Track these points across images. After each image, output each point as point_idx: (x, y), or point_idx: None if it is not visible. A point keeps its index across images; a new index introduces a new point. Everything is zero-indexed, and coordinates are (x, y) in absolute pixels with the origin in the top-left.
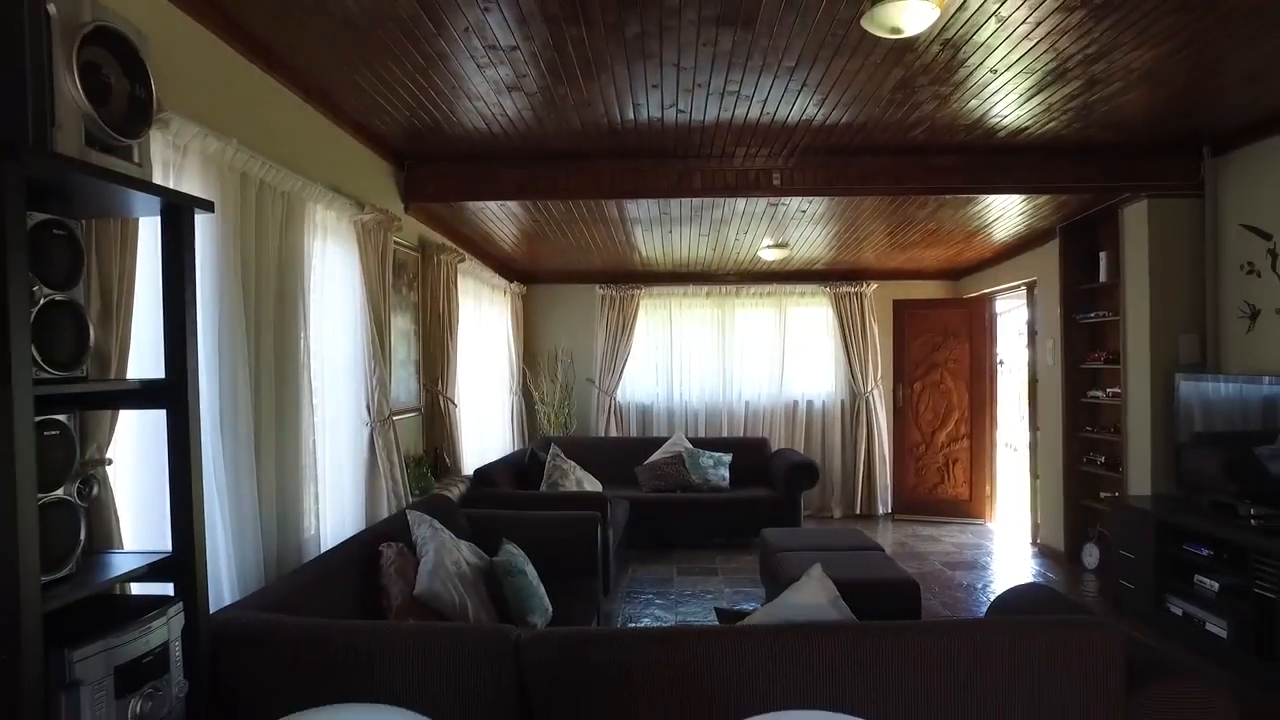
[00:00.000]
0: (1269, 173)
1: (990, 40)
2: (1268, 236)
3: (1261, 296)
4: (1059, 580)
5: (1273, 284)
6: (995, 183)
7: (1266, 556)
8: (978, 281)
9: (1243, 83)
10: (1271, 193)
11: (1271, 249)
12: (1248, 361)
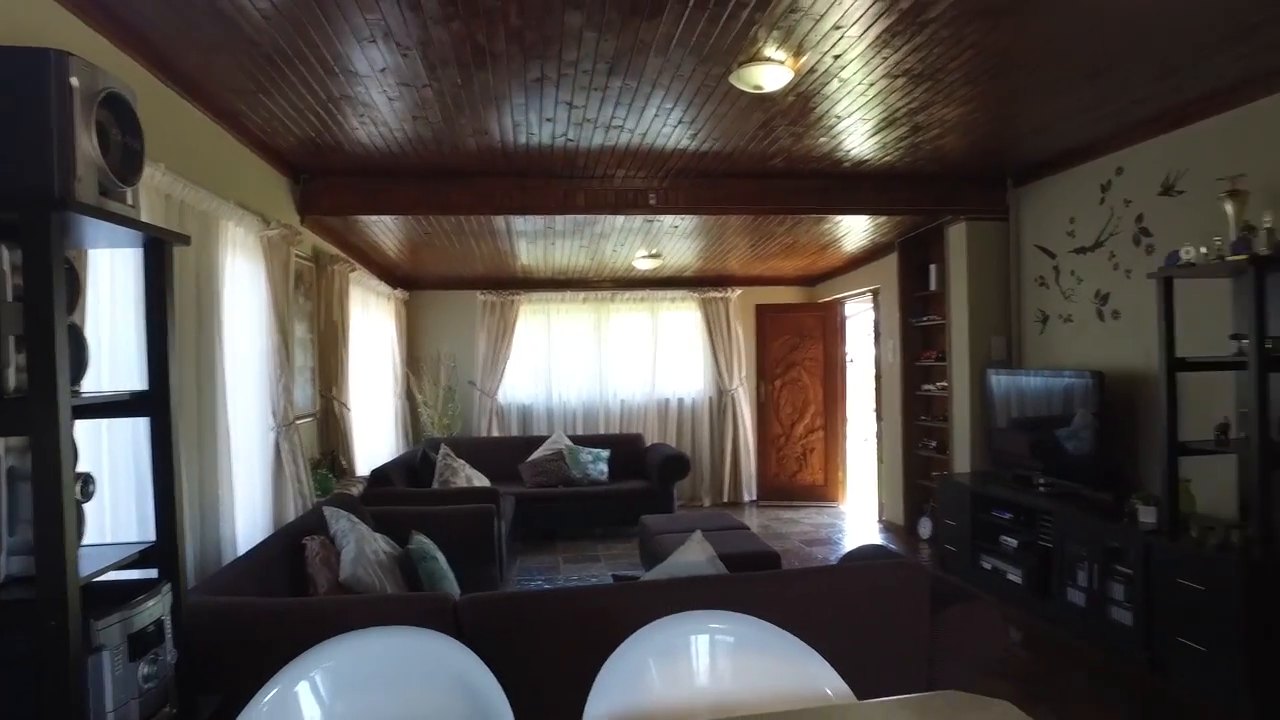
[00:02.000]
0: (1052, 203)
1: (835, 94)
2: (1053, 255)
3: (1050, 305)
4: (899, 550)
5: (1058, 295)
6: (843, 204)
7: (1049, 515)
8: (830, 288)
9: (1031, 133)
10: (1054, 220)
11: (1056, 266)
12: (1041, 358)
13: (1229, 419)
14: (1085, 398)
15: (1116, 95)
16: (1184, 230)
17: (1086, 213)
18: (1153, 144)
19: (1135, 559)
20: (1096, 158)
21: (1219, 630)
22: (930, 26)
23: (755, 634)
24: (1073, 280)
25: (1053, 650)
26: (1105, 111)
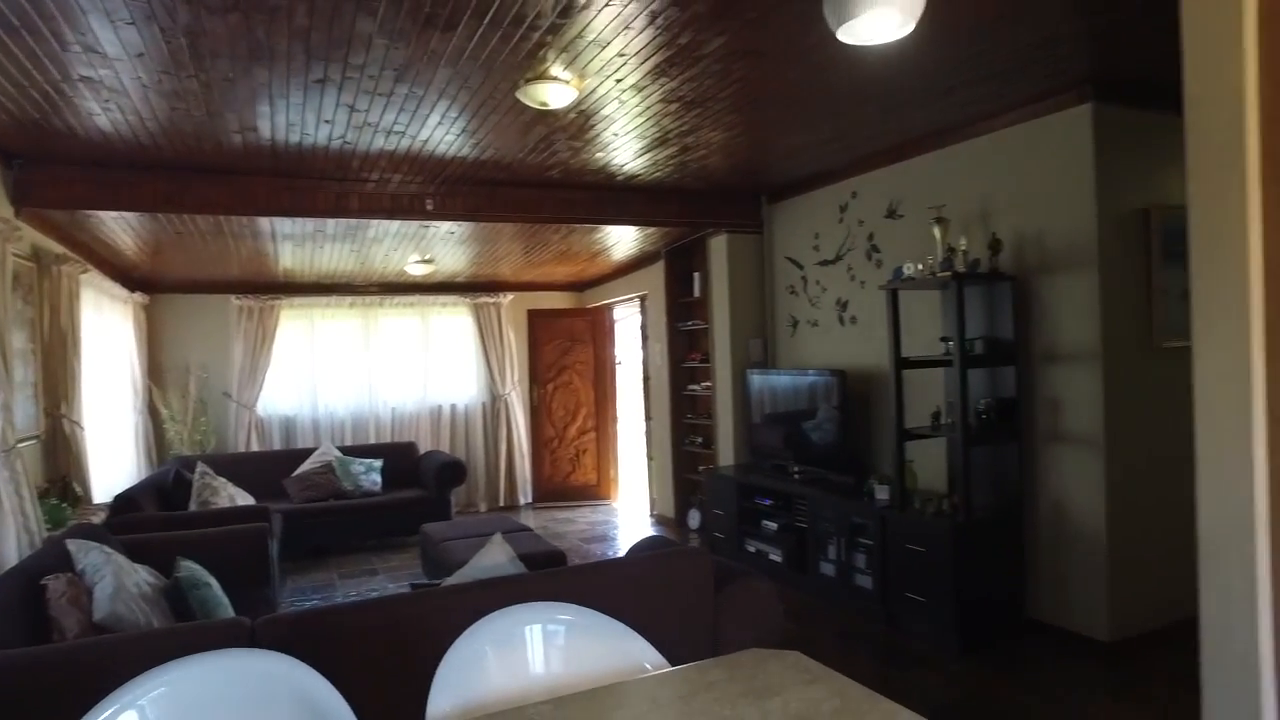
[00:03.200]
0: (800, 220)
1: (614, 114)
2: (801, 266)
3: (800, 311)
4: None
5: (806, 302)
6: (615, 215)
7: (802, 499)
8: (600, 293)
9: (782, 159)
10: (802, 235)
11: (804, 276)
12: (792, 359)
13: (940, 407)
14: (829, 393)
15: (850, 131)
16: (905, 248)
17: (829, 230)
18: (880, 173)
19: (874, 531)
20: (836, 182)
21: (936, 583)
22: (703, 61)
23: (581, 620)
24: (818, 289)
25: (811, 618)
26: (843, 144)
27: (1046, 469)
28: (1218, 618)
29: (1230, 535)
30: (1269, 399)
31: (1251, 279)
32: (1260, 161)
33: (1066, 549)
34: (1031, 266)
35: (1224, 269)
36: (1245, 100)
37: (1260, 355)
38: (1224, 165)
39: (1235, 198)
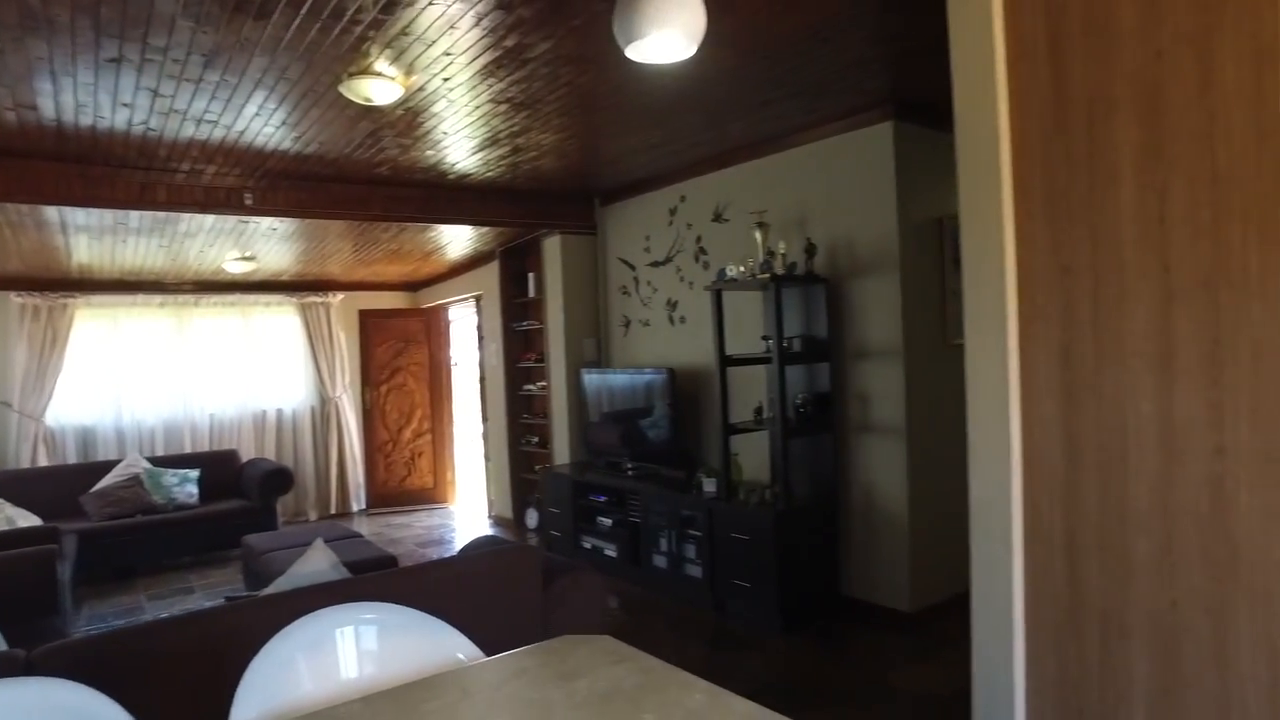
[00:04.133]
0: (632, 222)
1: (443, 113)
2: (633, 267)
3: (632, 311)
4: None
5: (638, 302)
6: (447, 215)
7: (635, 495)
8: (435, 293)
9: (613, 162)
10: (634, 237)
11: (636, 277)
12: (626, 358)
13: (763, 402)
14: (660, 391)
15: (677, 137)
16: (730, 251)
17: (659, 232)
18: (707, 179)
19: (702, 522)
20: (666, 186)
21: (759, 569)
22: (531, 64)
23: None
24: (649, 290)
25: (644, 609)
26: (670, 149)
27: (857, 457)
28: (983, 583)
29: (993, 510)
30: (1022, 390)
31: (1008, 284)
32: (1012, 183)
33: (875, 530)
34: (843, 270)
35: (987, 275)
36: (1000, 129)
37: (1015, 352)
38: (986, 185)
39: (994, 213)
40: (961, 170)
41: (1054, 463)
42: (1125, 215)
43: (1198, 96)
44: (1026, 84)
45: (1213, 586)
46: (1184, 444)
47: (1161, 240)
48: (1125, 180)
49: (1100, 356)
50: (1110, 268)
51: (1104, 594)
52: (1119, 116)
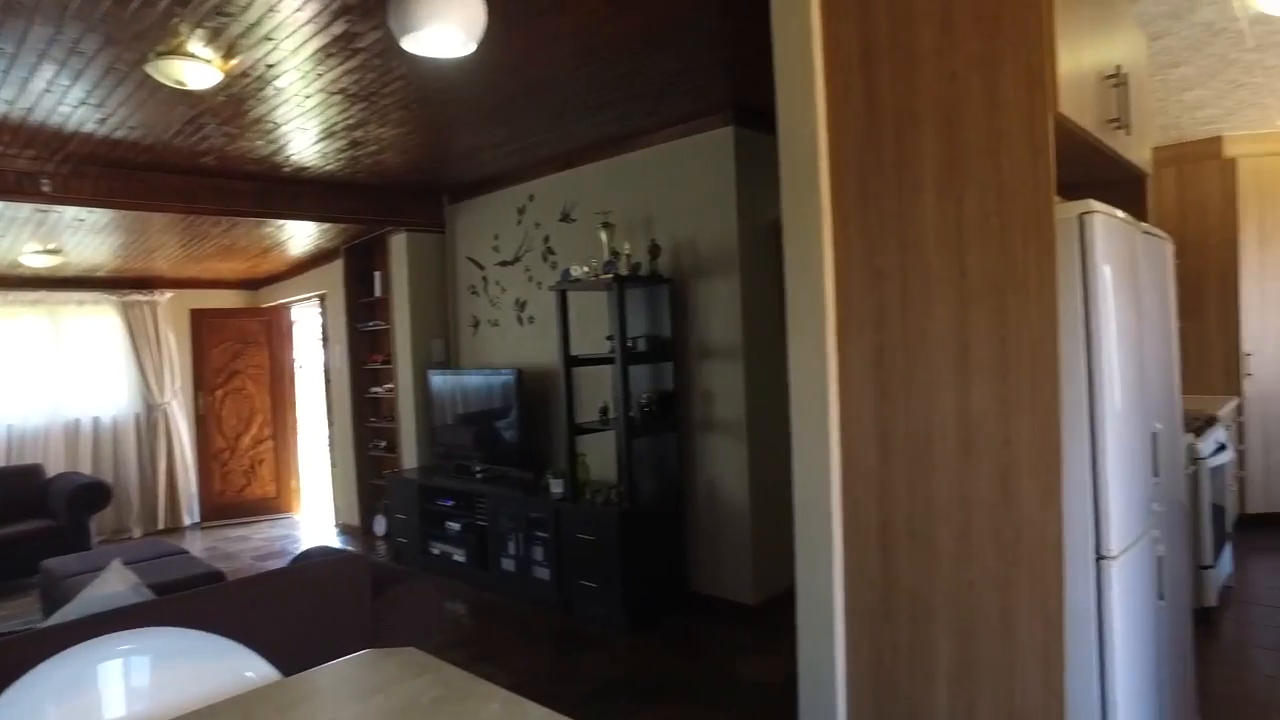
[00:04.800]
0: (481, 221)
1: (272, 100)
2: (482, 267)
3: (481, 311)
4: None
5: (487, 302)
6: (284, 209)
7: (483, 498)
8: (276, 292)
9: (460, 159)
10: (483, 235)
11: (485, 276)
12: (474, 358)
13: (608, 403)
14: (509, 392)
15: (522, 135)
16: (578, 251)
17: (508, 231)
18: (555, 178)
19: (549, 524)
20: (515, 185)
21: (605, 569)
22: (362, 54)
23: (169, 644)
24: (498, 289)
25: (493, 614)
26: (517, 147)
27: (702, 455)
28: (807, 574)
29: (814, 505)
30: (840, 389)
31: (826, 287)
32: (830, 189)
33: (719, 526)
34: (687, 271)
35: (807, 278)
36: (818, 138)
37: (833, 353)
38: (805, 191)
39: (813, 218)
40: (784, 177)
41: (869, 457)
42: (929, 222)
43: (986, 115)
44: (842, 95)
45: (1001, 567)
46: (978, 436)
47: (959, 246)
48: (928, 189)
49: (909, 356)
50: (917, 272)
51: (913, 579)
52: (922, 130)
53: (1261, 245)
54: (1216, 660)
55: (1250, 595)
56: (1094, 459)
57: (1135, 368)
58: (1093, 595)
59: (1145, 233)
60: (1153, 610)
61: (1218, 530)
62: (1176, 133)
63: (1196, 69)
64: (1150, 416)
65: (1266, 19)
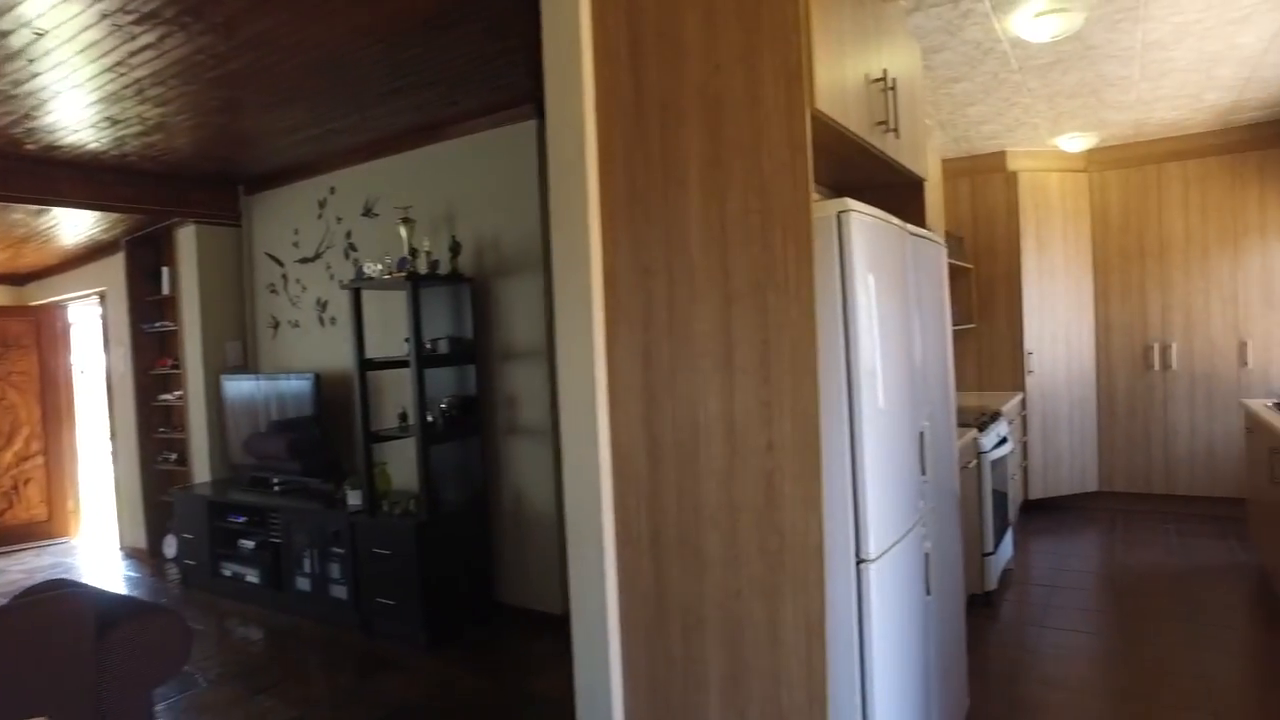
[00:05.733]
0: (280, 214)
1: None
2: (281, 264)
3: (281, 311)
4: (143, 577)
5: (287, 302)
6: (33, 193)
7: (277, 513)
8: (47, 288)
9: (255, 146)
10: (282, 230)
11: (284, 274)
12: (274, 362)
13: (406, 408)
14: (308, 398)
15: (319, 121)
16: (381, 247)
17: (308, 225)
18: (357, 170)
19: (345, 538)
20: (315, 176)
21: (403, 584)
22: (111, 17)
23: None
24: (299, 288)
25: (288, 638)
26: (312, 133)
27: (508, 461)
28: (580, 586)
29: (585, 513)
30: (610, 393)
31: (593, 285)
32: (598, 184)
33: (526, 534)
34: (490, 269)
35: (574, 276)
36: (586, 130)
37: (602, 355)
38: (573, 184)
39: (580, 213)
40: (552, 170)
41: (639, 463)
42: (694, 220)
43: (748, 110)
44: (611, 86)
45: (767, 574)
46: (743, 440)
47: (723, 244)
48: (693, 185)
49: (675, 357)
50: (682, 270)
51: (684, 589)
52: (688, 124)
53: (1038, 252)
54: (995, 641)
55: (1029, 576)
56: (853, 462)
57: (903, 367)
58: (853, 599)
59: (914, 234)
60: (920, 605)
61: (999, 518)
62: (967, 145)
63: (975, 85)
64: (919, 415)
65: (1023, 43)
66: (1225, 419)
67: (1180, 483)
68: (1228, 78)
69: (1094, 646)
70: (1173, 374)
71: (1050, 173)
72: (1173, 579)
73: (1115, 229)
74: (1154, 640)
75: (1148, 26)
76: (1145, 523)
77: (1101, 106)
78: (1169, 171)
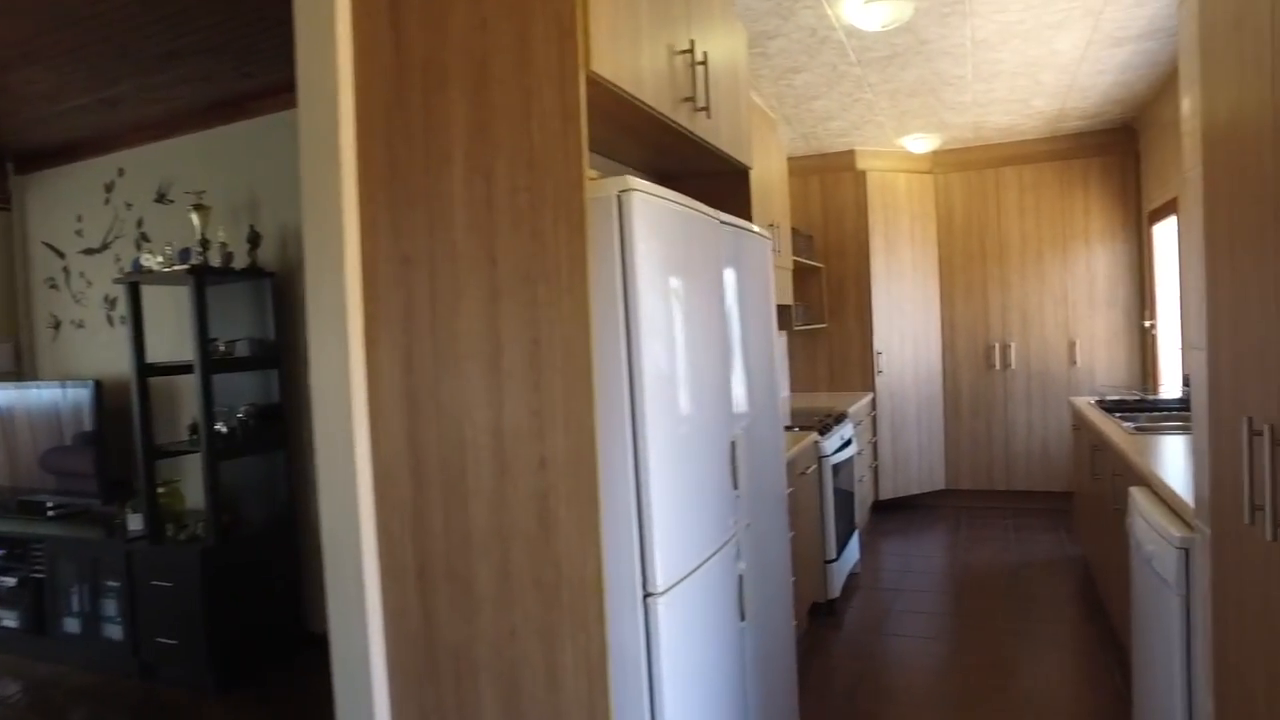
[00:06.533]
0: (61, 198)
1: None
2: (62, 255)
3: (63, 309)
4: None
5: (69, 298)
6: None
7: (40, 544)
8: None
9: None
10: (63, 216)
11: (66, 266)
12: (56, 367)
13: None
14: (89, 408)
15: (92, 87)
16: (177, 238)
17: (94, 212)
18: (148, 149)
19: (120, 570)
20: (101, 155)
21: (188, 621)
22: None
23: None
24: (83, 283)
25: (51, 690)
26: (83, 103)
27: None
28: (340, 625)
29: (343, 540)
30: (370, 401)
31: (348, 277)
32: (356, 159)
33: None
34: (295, 263)
35: (327, 267)
36: (341, 97)
37: (361, 358)
38: (326, 160)
39: (333, 193)
40: (303, 143)
41: (403, 483)
42: (458, 199)
43: (516, 71)
44: (370, 44)
45: (543, 611)
46: (514, 457)
47: (490, 228)
48: (458, 160)
49: (439, 360)
50: (446, 259)
51: (455, 629)
52: (451, 88)
53: (886, 252)
54: (836, 651)
55: (875, 580)
56: (637, 480)
57: (712, 371)
58: (641, 637)
59: (730, 225)
60: (733, 633)
61: (845, 523)
62: (817, 143)
63: (816, 77)
64: (731, 424)
65: (859, 33)
66: (1057, 416)
67: (1019, 479)
68: (1051, 84)
69: (933, 652)
70: (1012, 373)
71: (898, 173)
72: (1009, 575)
73: (959, 231)
74: (990, 642)
75: (975, 23)
76: (987, 519)
77: (941, 107)
78: (1006, 176)
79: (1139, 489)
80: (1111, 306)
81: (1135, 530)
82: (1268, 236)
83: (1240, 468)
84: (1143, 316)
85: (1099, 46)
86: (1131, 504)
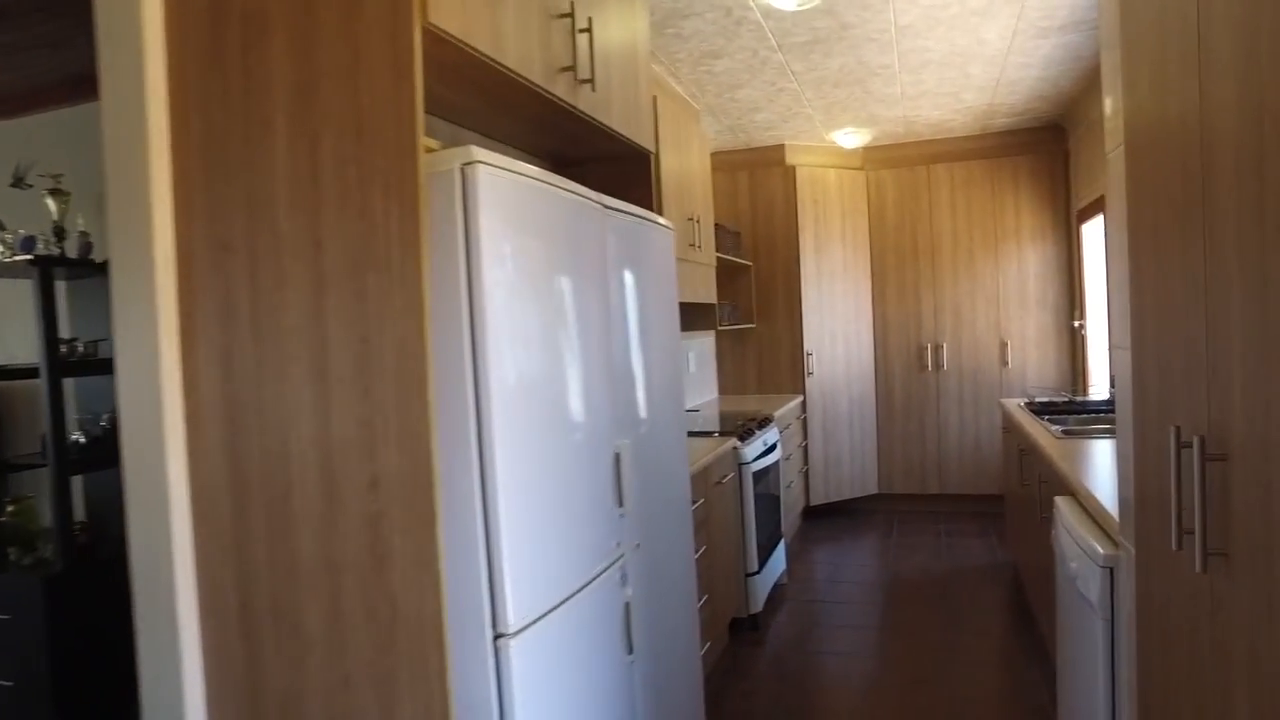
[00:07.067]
0: None
1: None
2: None
3: None
4: None
5: None
6: None
7: None
8: None
9: None
10: None
11: None
12: None
13: None
14: None
15: None
16: (38, 227)
17: None
18: (6, 126)
19: None
20: None
21: (27, 658)
22: None
23: None
24: None
25: None
26: None
27: None
28: (152, 670)
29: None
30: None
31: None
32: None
33: None
34: None
35: (134, 256)
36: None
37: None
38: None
39: (141, 170)
40: (105, 110)
41: (223, 507)
42: (280, 174)
43: (344, 20)
44: None
45: (378, 655)
46: (342, 475)
47: (315, 208)
48: (279, 128)
49: (262, 363)
50: (267, 245)
51: (282, 675)
52: (273, 42)
53: (816, 251)
54: (757, 672)
55: (802, 591)
56: (484, 502)
57: (592, 376)
58: (492, 686)
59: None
60: (619, 669)
61: (769, 532)
62: (745, 137)
63: (736, 63)
64: (611, 436)
65: (777, 13)
66: (989, 418)
67: (951, 482)
68: (980, 77)
69: (859, 670)
70: (944, 374)
71: (829, 169)
72: (940, 584)
73: (891, 229)
74: (917, 658)
75: (899, 6)
76: (919, 524)
77: (870, 99)
78: (937, 174)
79: (1065, 499)
80: (1042, 306)
81: (1060, 543)
82: (1192, 234)
83: (1167, 483)
84: (1073, 317)
85: (1024, 37)
86: (1057, 515)
